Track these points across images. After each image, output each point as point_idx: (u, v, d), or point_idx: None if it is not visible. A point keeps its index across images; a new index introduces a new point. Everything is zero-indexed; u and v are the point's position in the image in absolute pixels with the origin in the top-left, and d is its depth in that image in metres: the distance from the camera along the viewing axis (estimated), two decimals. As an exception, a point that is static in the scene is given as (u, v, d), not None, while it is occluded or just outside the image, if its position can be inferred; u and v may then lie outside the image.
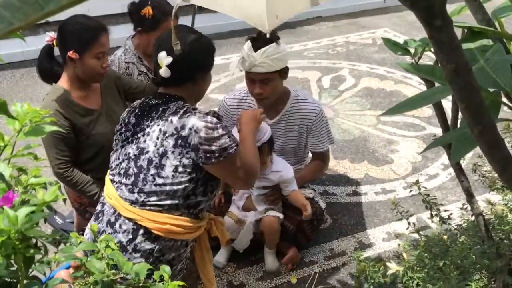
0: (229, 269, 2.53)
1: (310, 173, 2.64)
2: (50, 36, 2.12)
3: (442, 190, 3.10)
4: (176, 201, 1.72)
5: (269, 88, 2.37)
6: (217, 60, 4.33)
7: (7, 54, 4.95)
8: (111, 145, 2.23)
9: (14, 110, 1.05)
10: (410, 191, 2.92)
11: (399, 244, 2.53)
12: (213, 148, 1.68)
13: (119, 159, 1.84)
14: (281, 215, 2.45)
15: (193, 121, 1.68)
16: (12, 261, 1.02)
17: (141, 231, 1.73)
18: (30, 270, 1.17)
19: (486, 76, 1.05)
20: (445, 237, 2.07)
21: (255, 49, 2.29)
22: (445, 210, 1.63)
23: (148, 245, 1.73)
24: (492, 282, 1.87)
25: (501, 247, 1.44)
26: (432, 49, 1.26)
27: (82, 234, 1.89)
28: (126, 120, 1.85)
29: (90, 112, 2.17)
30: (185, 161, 1.70)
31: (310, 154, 2.74)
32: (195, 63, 1.77)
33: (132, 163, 1.77)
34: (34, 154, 1.08)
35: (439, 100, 1.34)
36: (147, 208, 1.72)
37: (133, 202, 1.74)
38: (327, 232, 2.77)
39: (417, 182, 1.59)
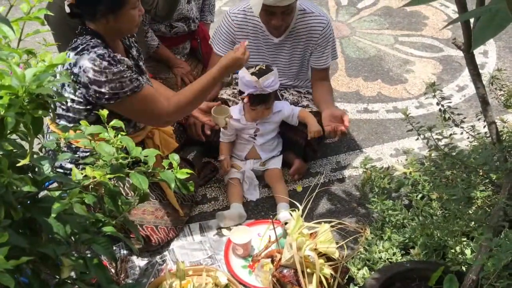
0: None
1: (329, 94, 2.58)
2: None
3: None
4: None
5: (289, 18, 2.24)
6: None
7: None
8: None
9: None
10: (425, 93, 2.87)
11: (406, 159, 2.53)
12: (103, 90, 1.77)
13: None
14: (279, 166, 2.49)
15: (83, 61, 1.76)
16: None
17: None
18: (42, 152, 1.17)
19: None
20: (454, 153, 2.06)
21: None
22: (458, 114, 1.60)
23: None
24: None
25: (510, 151, 1.43)
26: None
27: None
28: None
29: None
30: (79, 95, 1.83)
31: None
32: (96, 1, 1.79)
33: None
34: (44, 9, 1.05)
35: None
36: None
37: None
38: (335, 146, 2.78)
39: (433, 84, 1.54)
